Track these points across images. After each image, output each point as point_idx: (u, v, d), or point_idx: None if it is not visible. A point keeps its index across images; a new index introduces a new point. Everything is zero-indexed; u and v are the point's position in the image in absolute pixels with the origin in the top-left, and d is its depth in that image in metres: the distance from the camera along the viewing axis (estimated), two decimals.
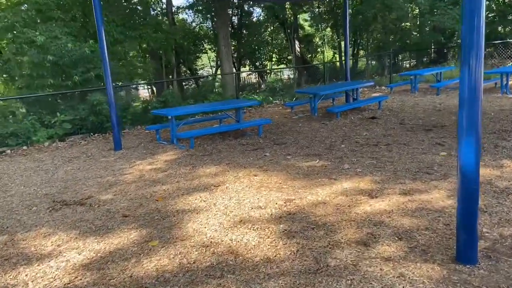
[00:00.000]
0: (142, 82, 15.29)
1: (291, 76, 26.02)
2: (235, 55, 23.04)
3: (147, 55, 17.32)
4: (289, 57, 26.85)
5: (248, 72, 25.99)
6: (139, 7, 15.67)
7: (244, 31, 23.57)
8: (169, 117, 6.96)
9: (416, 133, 6.72)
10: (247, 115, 10.25)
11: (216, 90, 13.84)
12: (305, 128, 7.91)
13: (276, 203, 4.07)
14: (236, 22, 22.77)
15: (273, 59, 29.66)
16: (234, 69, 23.91)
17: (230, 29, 19.57)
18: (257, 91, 16.64)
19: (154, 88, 18.72)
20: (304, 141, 6.81)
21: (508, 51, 16.83)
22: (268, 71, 26.17)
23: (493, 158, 5.01)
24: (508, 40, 18.13)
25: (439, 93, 10.88)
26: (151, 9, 16.81)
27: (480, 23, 2.48)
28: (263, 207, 3.99)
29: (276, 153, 6.12)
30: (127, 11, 14.62)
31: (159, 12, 17.65)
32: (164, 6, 17.30)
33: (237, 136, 7.54)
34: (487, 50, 18.02)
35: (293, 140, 6.93)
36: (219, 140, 7.30)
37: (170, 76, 17.80)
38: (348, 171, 4.98)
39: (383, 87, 13.62)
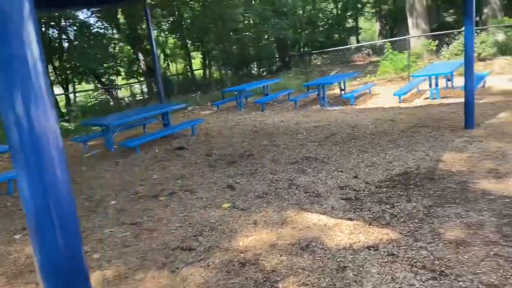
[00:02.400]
0: None
1: (145, 90, 24.04)
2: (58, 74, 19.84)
3: None
4: (140, 71, 24.89)
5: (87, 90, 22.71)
6: None
7: (67, 46, 20.45)
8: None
9: (215, 170, 5.52)
10: None
11: None
12: (89, 173, 6.14)
13: None
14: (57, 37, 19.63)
15: (122, 73, 27.27)
16: (61, 89, 20.69)
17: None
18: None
19: None
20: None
21: (342, 58, 17.47)
22: (117, 87, 23.74)
23: (279, 207, 3.98)
24: (340, 47, 19.04)
25: (264, 108, 10.19)
26: None
27: None
28: None
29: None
30: None
31: None
32: None
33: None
34: (322, 57, 18.79)
35: None
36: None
37: None
38: None
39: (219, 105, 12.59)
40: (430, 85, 8.39)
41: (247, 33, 20.84)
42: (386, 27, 29.62)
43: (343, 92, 10.43)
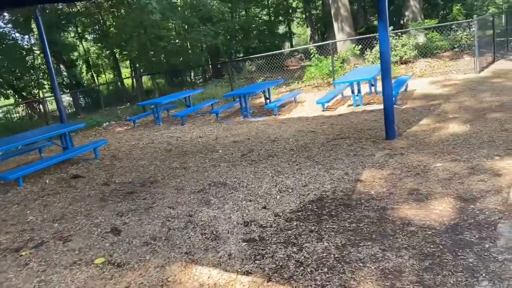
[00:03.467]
0: None
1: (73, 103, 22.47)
2: None
3: None
4: (65, 83, 23.10)
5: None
6: None
7: None
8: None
9: (105, 206, 4.60)
10: None
11: None
12: None
13: None
14: None
15: (46, 86, 25.43)
16: None
17: None
18: None
19: None
20: None
21: (276, 63, 17.01)
22: (40, 100, 21.76)
23: (165, 259, 3.18)
24: (270, 53, 18.58)
25: (184, 122, 9.34)
26: None
27: None
28: None
29: None
30: None
31: None
32: None
33: None
34: (256, 63, 18.24)
35: None
36: None
37: None
38: None
39: (139, 120, 11.50)
40: (353, 92, 8.05)
41: (175, 41, 19.83)
42: (318, 32, 30.04)
43: (268, 101, 9.87)
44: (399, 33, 12.29)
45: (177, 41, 20.09)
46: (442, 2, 25.67)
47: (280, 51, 14.11)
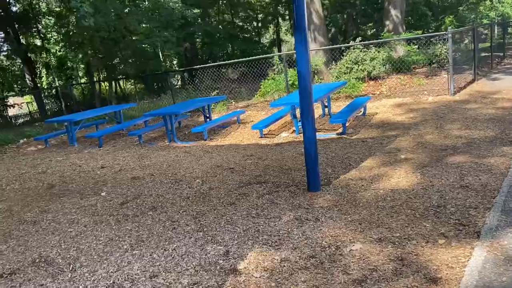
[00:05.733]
0: None
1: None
2: None
3: None
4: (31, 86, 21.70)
5: None
6: None
7: None
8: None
9: None
10: None
11: None
12: None
13: None
14: None
15: (16, 89, 24.33)
16: None
17: None
18: None
19: None
20: None
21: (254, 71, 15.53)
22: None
23: None
24: (237, 59, 17.16)
25: (102, 144, 7.84)
26: None
27: None
28: None
29: None
30: None
31: None
32: None
33: None
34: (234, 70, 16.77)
35: None
36: None
37: None
38: None
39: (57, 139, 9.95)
40: (294, 116, 6.60)
41: (136, 45, 18.34)
42: None
43: (207, 120, 8.41)
44: (371, 45, 10.92)
45: (146, 45, 18.64)
46: (431, 13, 24.53)
47: (239, 60, 12.65)
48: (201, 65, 11.86)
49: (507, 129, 5.41)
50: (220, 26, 20.70)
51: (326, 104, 7.64)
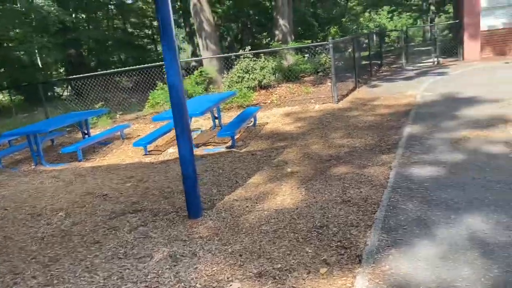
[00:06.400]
0: None
1: None
2: None
3: None
4: None
5: None
6: None
7: None
8: None
9: None
10: None
11: None
12: None
13: None
14: None
15: None
16: None
17: None
18: None
19: None
20: None
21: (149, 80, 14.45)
22: None
23: None
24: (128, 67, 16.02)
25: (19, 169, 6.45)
26: None
27: None
28: None
29: None
30: None
31: None
32: None
33: None
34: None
35: None
36: None
37: None
38: None
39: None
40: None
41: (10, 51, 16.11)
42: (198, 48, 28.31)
43: (86, 136, 7.49)
44: (261, 54, 10.94)
45: (20, 52, 16.42)
46: (318, 24, 26.02)
47: (127, 68, 11.76)
48: (88, 74, 10.67)
49: (385, 136, 5.61)
50: (106, 32, 19.25)
51: (216, 115, 7.31)
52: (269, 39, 26.98)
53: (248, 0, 21.82)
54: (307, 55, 13.37)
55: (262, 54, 10.95)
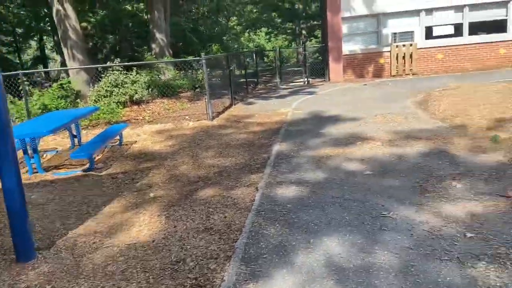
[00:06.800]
0: None
1: None
2: None
3: None
4: None
5: None
6: None
7: None
8: None
9: None
10: None
11: None
12: None
13: None
14: None
15: None
16: None
17: None
18: None
19: None
20: None
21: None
22: None
23: None
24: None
25: None
26: None
27: None
28: None
29: None
30: None
31: None
32: None
33: None
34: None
35: None
36: None
37: None
38: None
39: None
40: (25, 153, 5.21)
41: None
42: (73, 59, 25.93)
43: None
44: (134, 68, 10.26)
45: None
46: (198, 41, 25.98)
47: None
48: None
49: (255, 155, 5.55)
50: None
51: (75, 133, 6.47)
52: (149, 52, 26.09)
53: (124, 11, 20.75)
54: (182, 71, 13.08)
55: (134, 68, 10.27)
